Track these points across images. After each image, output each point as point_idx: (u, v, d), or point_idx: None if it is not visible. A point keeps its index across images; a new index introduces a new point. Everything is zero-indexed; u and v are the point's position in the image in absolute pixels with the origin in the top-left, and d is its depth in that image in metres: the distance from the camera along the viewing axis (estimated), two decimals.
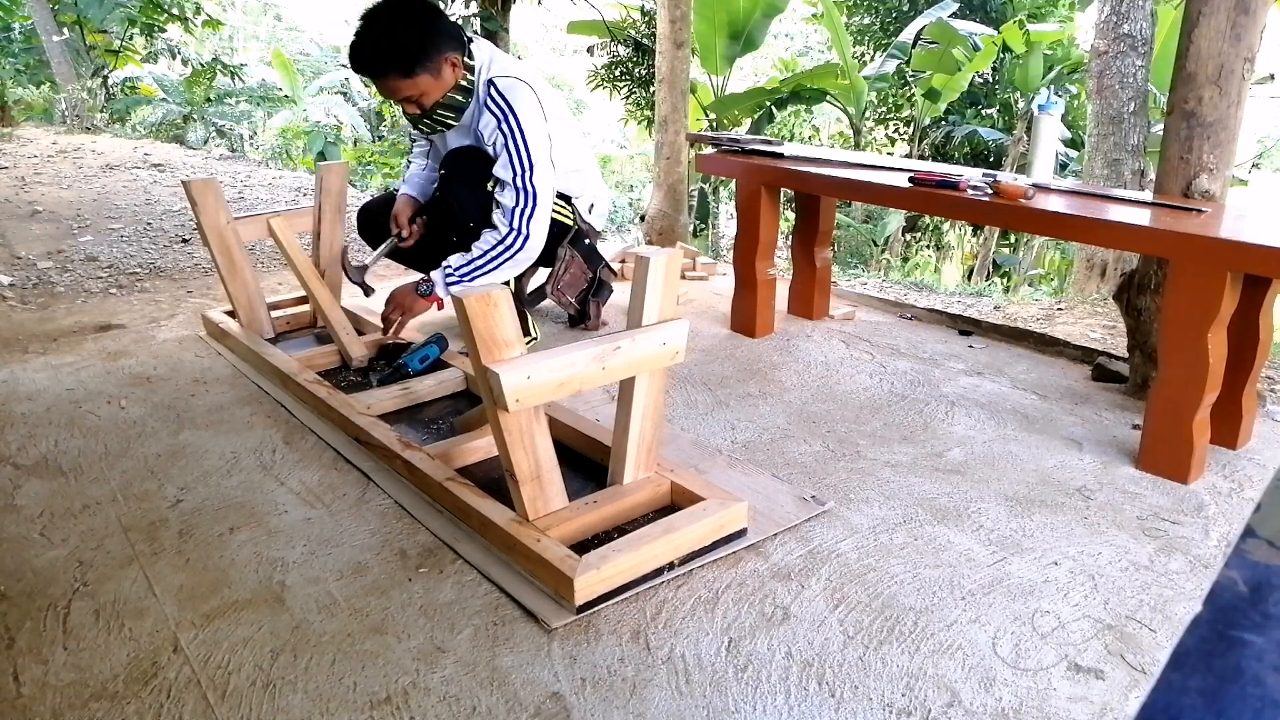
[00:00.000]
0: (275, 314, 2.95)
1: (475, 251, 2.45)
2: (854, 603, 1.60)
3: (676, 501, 1.86)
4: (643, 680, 1.41)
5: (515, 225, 2.43)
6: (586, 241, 2.87)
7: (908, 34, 9.68)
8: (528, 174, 2.41)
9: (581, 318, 3.01)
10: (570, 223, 2.79)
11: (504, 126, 2.43)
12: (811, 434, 2.29)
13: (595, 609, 1.56)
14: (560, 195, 2.69)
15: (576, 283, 2.87)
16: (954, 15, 9.53)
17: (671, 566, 1.66)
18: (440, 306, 2.53)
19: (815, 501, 1.93)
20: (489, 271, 2.45)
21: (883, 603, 1.61)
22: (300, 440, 2.22)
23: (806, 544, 1.78)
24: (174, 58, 12.03)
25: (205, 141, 10.73)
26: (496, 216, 2.45)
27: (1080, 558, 1.75)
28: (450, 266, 2.45)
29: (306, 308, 3.03)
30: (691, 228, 6.87)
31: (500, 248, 2.44)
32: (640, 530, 1.69)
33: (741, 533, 1.77)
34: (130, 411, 2.37)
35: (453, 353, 2.63)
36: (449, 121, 2.53)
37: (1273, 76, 8.35)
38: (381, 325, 2.58)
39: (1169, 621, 1.56)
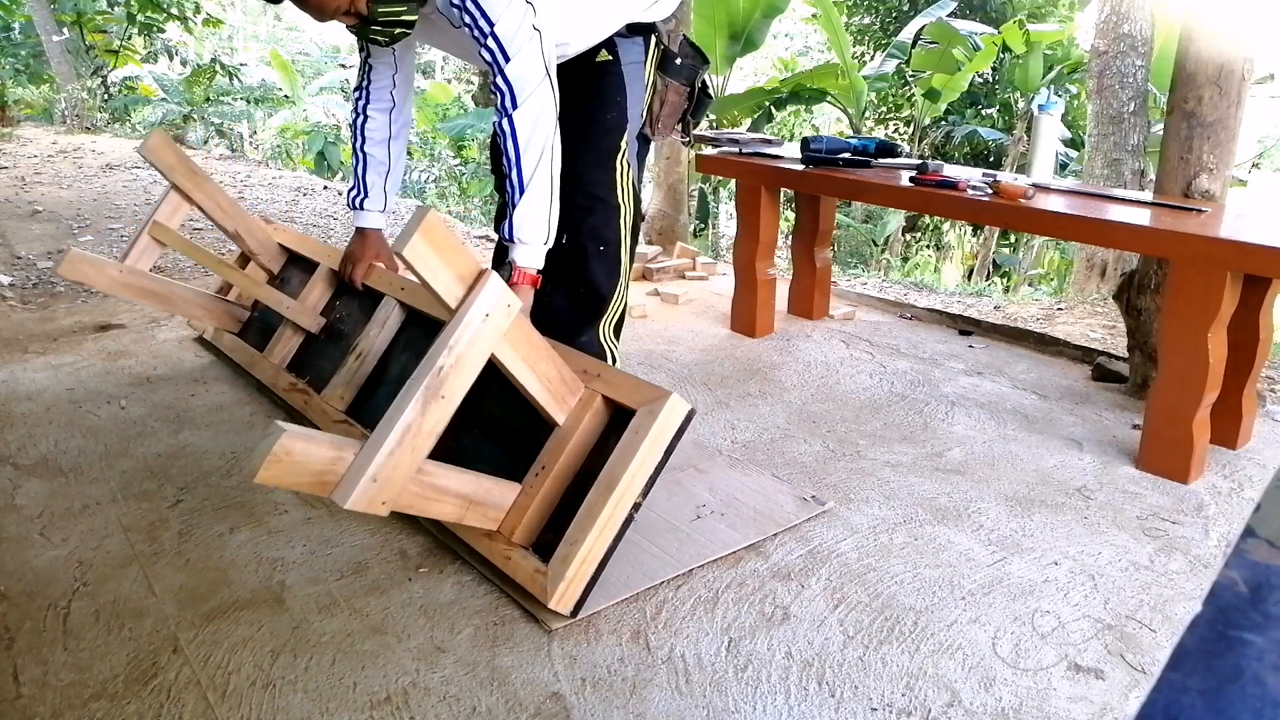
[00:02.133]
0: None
1: (512, 201, 1.89)
2: (854, 603, 1.60)
3: (616, 415, 1.68)
4: (643, 680, 1.41)
5: (506, 133, 1.88)
6: (678, 61, 2.32)
7: (907, 34, 9.68)
8: (501, 65, 1.86)
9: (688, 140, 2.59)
10: (645, 52, 2.24)
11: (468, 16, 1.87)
12: (811, 434, 2.29)
13: (589, 603, 1.56)
14: (622, 31, 2.16)
15: (676, 110, 2.40)
16: (953, 15, 9.53)
17: (638, 507, 1.56)
18: (536, 282, 1.91)
19: (815, 501, 1.93)
20: (540, 189, 1.88)
21: (883, 603, 1.61)
22: None
23: (806, 544, 1.78)
24: (172, 58, 12.03)
25: (205, 141, 10.73)
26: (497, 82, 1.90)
27: (1080, 558, 1.75)
28: (507, 233, 1.91)
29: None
30: (691, 228, 6.88)
31: (519, 169, 1.87)
32: (587, 502, 1.55)
33: (688, 418, 1.57)
34: (130, 411, 2.37)
35: None
36: (404, 18, 1.89)
37: (1273, 76, 8.35)
38: None
39: (1169, 621, 1.56)
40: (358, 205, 2.29)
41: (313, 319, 2.46)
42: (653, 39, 2.28)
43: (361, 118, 2.24)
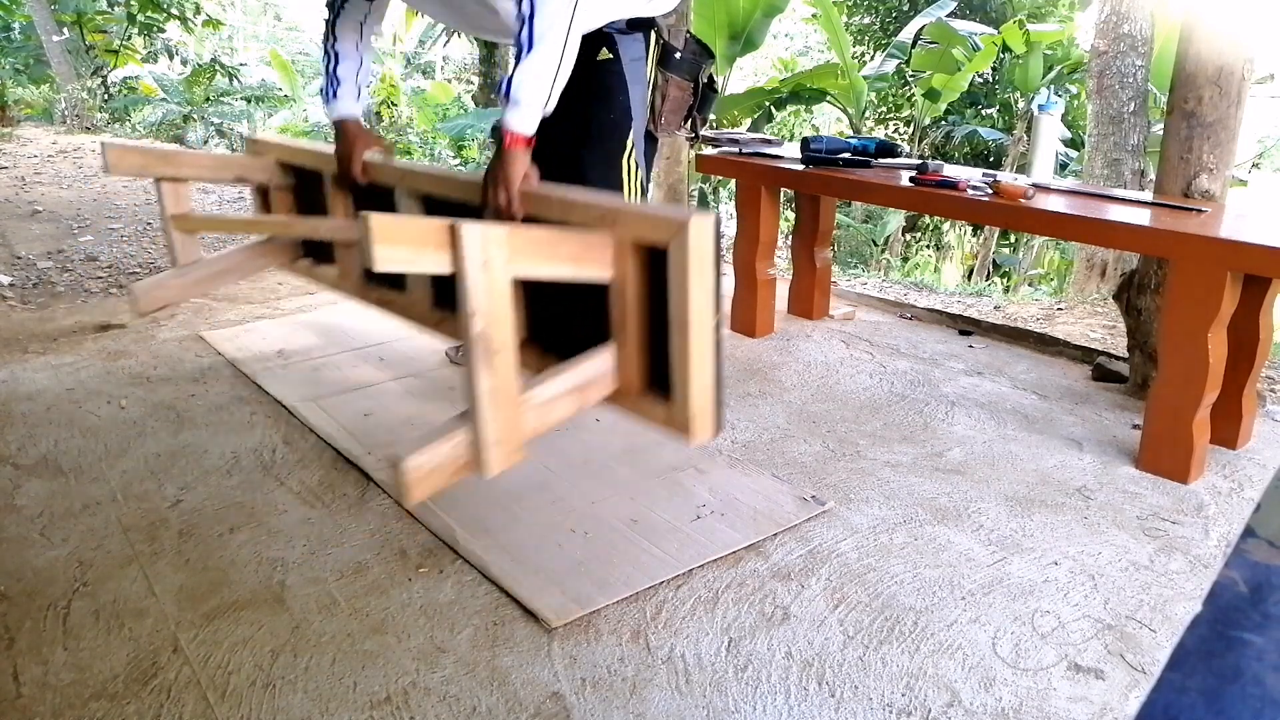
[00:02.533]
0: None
1: (517, 59, 1.84)
2: (854, 603, 1.60)
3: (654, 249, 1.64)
4: (643, 680, 1.41)
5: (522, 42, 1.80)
6: (678, 56, 2.33)
7: (907, 34, 9.68)
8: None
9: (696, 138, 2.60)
10: (646, 48, 2.23)
11: None
12: (811, 434, 2.29)
13: (589, 602, 1.56)
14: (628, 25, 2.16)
15: (680, 106, 2.38)
16: (953, 15, 9.52)
17: (719, 324, 1.60)
18: (530, 144, 1.85)
19: (815, 501, 1.93)
20: (549, 50, 1.81)
21: (883, 603, 1.61)
22: (300, 440, 2.22)
23: (806, 544, 1.78)
24: (172, 58, 12.03)
25: (205, 141, 10.72)
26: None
27: (1080, 558, 1.75)
28: (503, 89, 1.84)
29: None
30: None
31: (530, 25, 1.79)
32: (673, 348, 1.59)
33: (717, 228, 1.56)
34: (130, 411, 2.37)
35: None
36: None
37: (1273, 76, 8.35)
38: (501, 218, 1.90)
39: (1169, 621, 1.56)
40: (333, 96, 2.31)
41: (353, 230, 2.39)
42: (653, 34, 2.27)
43: (331, 27, 2.30)
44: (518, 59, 1.80)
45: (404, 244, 1.40)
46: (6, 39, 11.00)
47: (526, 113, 1.82)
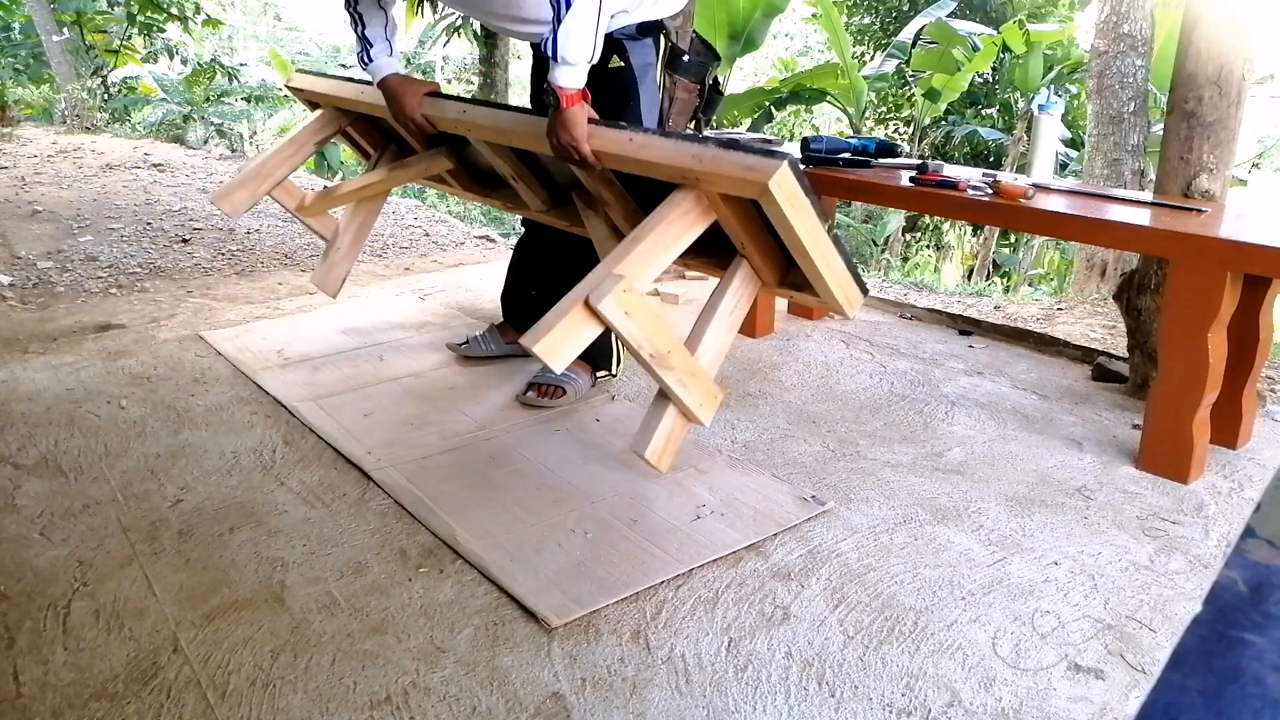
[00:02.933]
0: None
1: (557, 17, 1.85)
2: (854, 603, 1.60)
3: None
4: (643, 680, 1.41)
5: None
6: (686, 58, 2.38)
7: (907, 34, 9.68)
8: None
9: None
10: (656, 53, 2.27)
11: None
12: (811, 434, 2.29)
13: (589, 602, 1.57)
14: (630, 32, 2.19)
15: (687, 108, 2.43)
16: (953, 15, 9.53)
17: (832, 228, 1.78)
18: (585, 98, 1.91)
19: (815, 501, 1.93)
20: (582, 8, 1.83)
21: (883, 603, 1.61)
22: (300, 440, 2.22)
23: (806, 544, 1.78)
24: (172, 57, 12.02)
25: (205, 141, 10.72)
26: None
27: (1080, 558, 1.75)
28: (548, 48, 1.87)
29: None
30: None
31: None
32: (801, 268, 1.83)
33: (793, 164, 1.64)
34: (130, 411, 2.37)
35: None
36: None
37: (1273, 76, 8.35)
38: (586, 166, 1.99)
39: (1169, 621, 1.56)
40: (370, 59, 2.30)
41: (443, 162, 2.56)
42: (662, 38, 2.28)
43: (366, 47, 2.33)
44: (557, 16, 1.82)
45: (567, 346, 1.65)
46: (6, 39, 11.00)
47: (576, 69, 1.87)
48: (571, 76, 1.87)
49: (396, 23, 2.38)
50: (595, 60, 1.90)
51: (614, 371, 2.54)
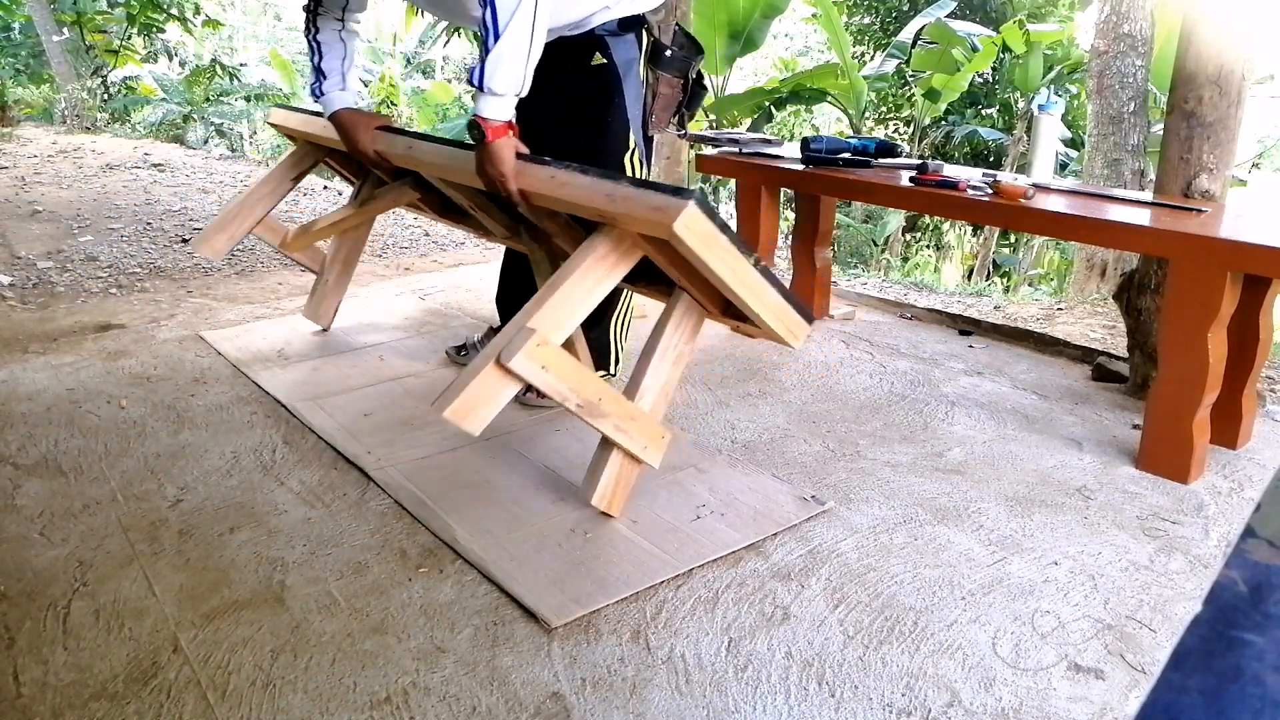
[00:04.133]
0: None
1: (485, 46, 1.78)
2: (854, 603, 1.60)
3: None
4: (643, 680, 1.41)
5: None
6: (669, 53, 2.33)
7: (907, 34, 9.68)
8: None
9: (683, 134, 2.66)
10: (638, 48, 2.24)
11: None
12: (811, 434, 2.29)
13: (589, 602, 1.57)
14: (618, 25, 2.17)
15: (670, 103, 2.39)
16: (953, 15, 9.52)
17: (758, 261, 1.68)
18: (511, 127, 1.83)
19: (815, 501, 1.93)
20: (518, 35, 1.74)
21: (883, 603, 1.61)
22: (300, 440, 2.22)
23: (806, 544, 1.78)
24: (172, 58, 12.03)
25: (205, 141, 10.73)
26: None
27: (1080, 558, 1.75)
28: (475, 78, 1.79)
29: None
30: None
31: (493, 8, 1.73)
32: (735, 302, 1.73)
33: (703, 202, 1.57)
34: (130, 411, 2.37)
35: None
36: None
37: (1273, 76, 8.35)
38: (511, 202, 1.94)
39: (1169, 621, 1.56)
40: (321, 91, 2.28)
41: (407, 194, 2.60)
42: (644, 33, 2.28)
43: (312, 16, 2.29)
44: (484, 45, 1.73)
45: (482, 408, 1.57)
46: (6, 39, 11.00)
47: (504, 100, 1.77)
48: (498, 108, 1.77)
49: (355, 56, 2.36)
50: (524, 93, 1.81)
51: (613, 371, 2.54)
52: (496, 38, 1.72)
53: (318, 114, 2.63)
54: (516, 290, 2.65)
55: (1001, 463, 2.15)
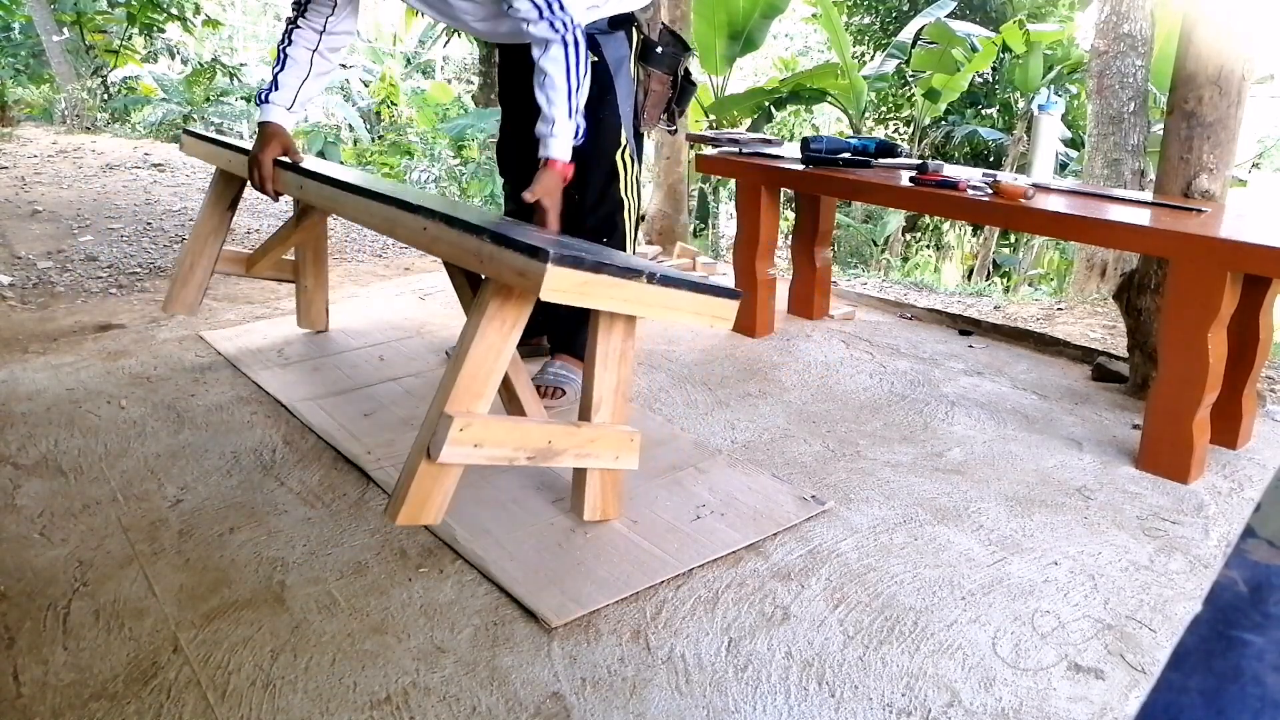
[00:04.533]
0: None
1: (555, 94, 2.05)
2: (854, 603, 1.60)
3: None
4: (643, 680, 1.41)
5: (556, 23, 2.01)
6: (659, 50, 2.42)
7: (907, 34, 9.67)
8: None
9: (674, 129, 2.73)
10: (629, 46, 2.33)
11: None
12: (811, 434, 2.29)
13: (589, 601, 1.57)
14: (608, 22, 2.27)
15: (661, 100, 2.47)
16: (953, 15, 9.52)
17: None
18: (570, 174, 2.12)
19: (815, 501, 1.93)
20: (578, 89, 2.05)
21: (883, 603, 1.61)
22: (300, 440, 2.22)
23: (806, 544, 1.78)
24: (172, 57, 12.02)
25: None
26: (533, 32, 2.04)
27: (1080, 558, 1.75)
28: (549, 126, 2.06)
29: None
30: (691, 228, 6.87)
31: (568, 61, 2.03)
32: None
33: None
34: (130, 411, 2.37)
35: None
36: None
37: (1273, 76, 8.35)
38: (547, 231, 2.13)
39: (1169, 621, 1.56)
40: (266, 99, 2.27)
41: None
42: (634, 31, 2.29)
43: (292, 28, 2.29)
44: (569, 113, 2.04)
45: (430, 502, 1.58)
46: (6, 39, 11.00)
47: (565, 142, 2.06)
48: (566, 150, 2.07)
49: (318, 82, 2.34)
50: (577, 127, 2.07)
51: None
52: (552, 104, 2.03)
53: (224, 144, 2.64)
54: None
55: (1001, 463, 2.15)
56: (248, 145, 2.52)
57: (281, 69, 2.29)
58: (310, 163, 2.38)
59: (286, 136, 2.31)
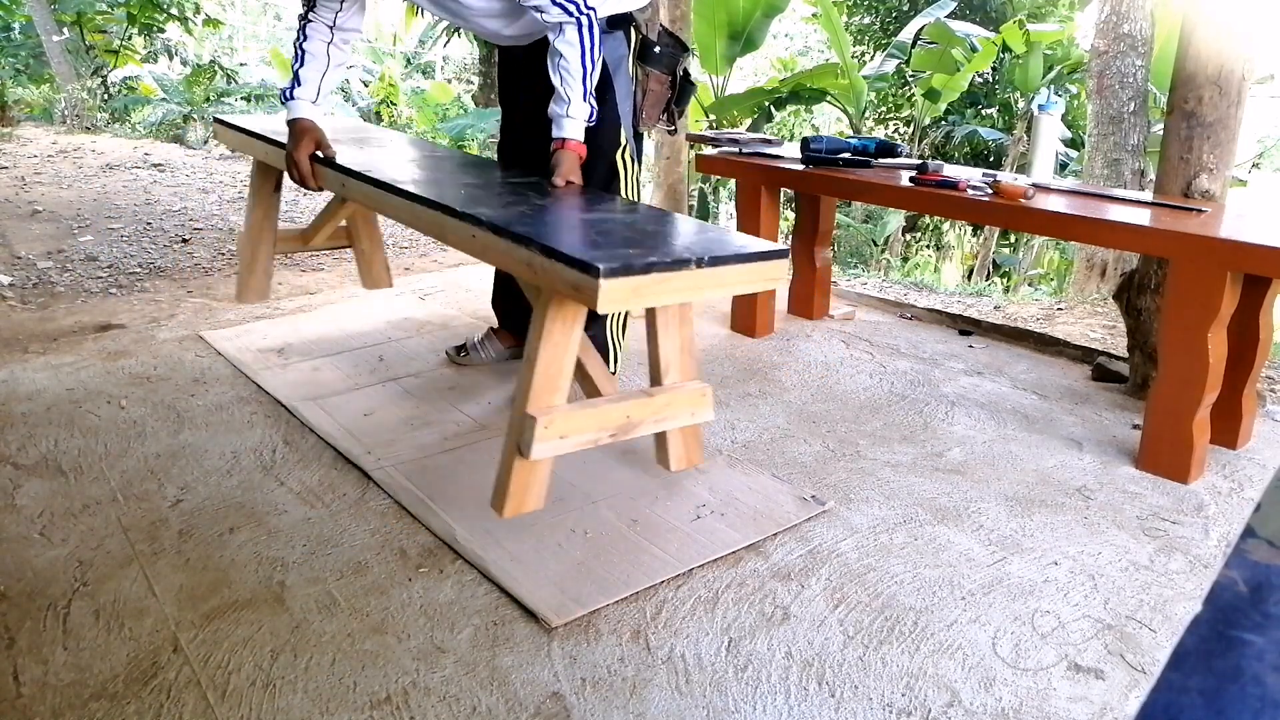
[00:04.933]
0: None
1: (569, 75, 2.09)
2: (854, 603, 1.60)
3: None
4: (643, 680, 1.41)
5: (570, 6, 2.04)
6: (657, 50, 2.42)
7: (907, 34, 9.67)
8: None
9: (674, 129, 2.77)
10: (627, 45, 2.34)
11: None
12: (811, 434, 2.29)
13: (589, 601, 1.57)
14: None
15: (659, 100, 2.46)
16: (953, 15, 9.52)
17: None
18: (585, 154, 2.18)
19: (815, 501, 1.93)
20: (592, 71, 2.10)
21: (883, 603, 1.61)
22: (300, 440, 2.22)
23: (806, 544, 1.78)
24: (172, 58, 12.02)
25: (205, 141, 10.72)
26: (547, 18, 2.07)
27: (1080, 558, 1.75)
28: (564, 107, 2.11)
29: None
30: None
31: (582, 43, 2.08)
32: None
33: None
34: (130, 411, 2.37)
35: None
36: None
37: (1273, 76, 8.35)
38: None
39: (1169, 621, 1.56)
40: (291, 96, 2.32)
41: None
42: (632, 31, 2.30)
43: (305, 23, 2.32)
44: (584, 94, 2.09)
45: (530, 492, 1.73)
46: (6, 39, 11.00)
47: (585, 118, 2.13)
48: (580, 130, 2.14)
49: (336, 74, 2.37)
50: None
51: (613, 369, 2.54)
52: (570, 92, 2.09)
53: (256, 134, 2.67)
54: (511, 291, 2.65)
55: (1001, 463, 2.15)
56: (273, 134, 2.58)
57: (301, 65, 2.32)
58: (350, 150, 2.41)
59: (318, 130, 2.34)
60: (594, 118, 2.13)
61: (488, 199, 1.97)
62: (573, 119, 2.11)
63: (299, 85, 2.32)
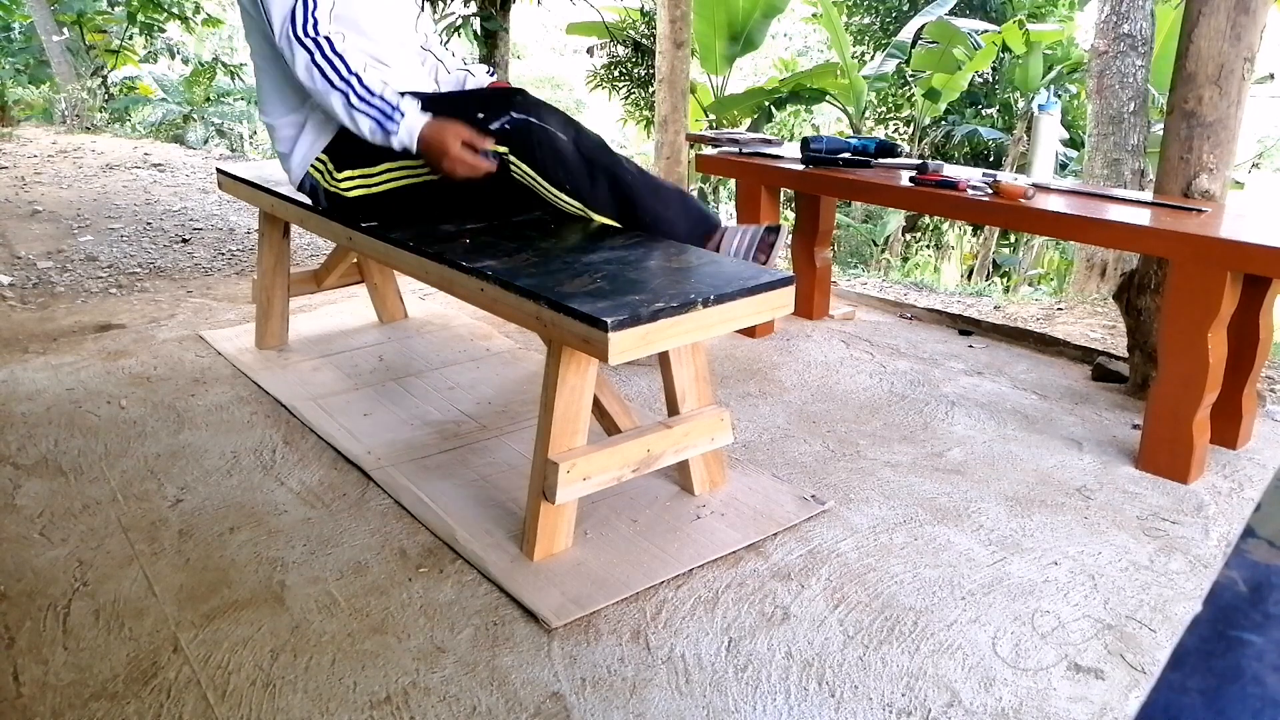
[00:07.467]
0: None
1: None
2: (854, 603, 1.60)
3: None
4: (643, 680, 1.41)
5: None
6: None
7: (907, 33, 9.68)
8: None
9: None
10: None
11: None
12: (811, 434, 2.29)
13: (589, 602, 1.57)
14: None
15: None
16: (952, 14, 9.52)
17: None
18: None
19: (815, 501, 1.93)
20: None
21: (883, 603, 1.61)
22: (300, 440, 2.22)
23: (806, 544, 1.78)
24: (173, 57, 12.01)
25: (205, 141, 10.72)
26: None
27: (1080, 558, 1.75)
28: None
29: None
30: None
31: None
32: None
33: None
34: (130, 411, 2.37)
35: None
36: None
37: (1273, 76, 8.35)
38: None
39: (1169, 621, 1.56)
40: (397, 113, 1.91)
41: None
42: None
43: (331, 52, 1.97)
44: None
45: (559, 533, 1.74)
46: (6, 39, 11.00)
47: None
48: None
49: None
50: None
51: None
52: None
53: (262, 188, 2.61)
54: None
55: (1001, 463, 2.15)
56: (274, 185, 2.54)
57: (377, 94, 1.97)
58: None
59: (454, 124, 2.05)
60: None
61: (492, 245, 1.90)
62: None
63: (396, 106, 1.93)
